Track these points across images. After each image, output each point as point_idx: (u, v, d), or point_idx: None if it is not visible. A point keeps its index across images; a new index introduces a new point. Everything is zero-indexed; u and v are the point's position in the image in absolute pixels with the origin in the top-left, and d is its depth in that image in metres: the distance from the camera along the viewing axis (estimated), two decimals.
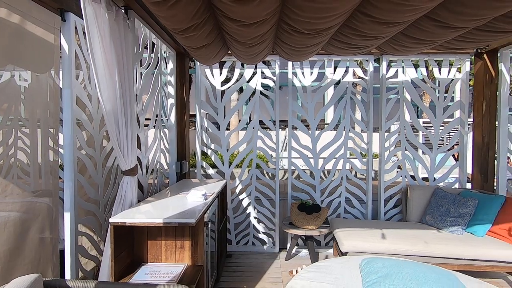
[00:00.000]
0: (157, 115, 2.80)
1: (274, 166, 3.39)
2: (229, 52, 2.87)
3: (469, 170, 3.30)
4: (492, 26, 2.22)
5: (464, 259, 2.45)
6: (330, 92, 9.08)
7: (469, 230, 2.70)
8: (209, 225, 2.09)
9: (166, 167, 3.13)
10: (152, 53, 2.67)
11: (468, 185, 3.40)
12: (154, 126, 2.75)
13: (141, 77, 2.43)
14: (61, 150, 1.96)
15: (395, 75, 3.34)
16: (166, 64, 3.09)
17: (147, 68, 2.56)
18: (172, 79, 3.10)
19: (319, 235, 3.29)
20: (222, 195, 3.05)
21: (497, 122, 3.04)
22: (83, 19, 1.60)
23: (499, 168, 2.98)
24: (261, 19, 1.93)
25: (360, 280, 1.71)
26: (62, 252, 1.89)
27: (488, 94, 3.12)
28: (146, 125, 2.59)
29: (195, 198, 2.11)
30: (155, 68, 2.75)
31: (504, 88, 2.96)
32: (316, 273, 1.89)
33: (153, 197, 2.24)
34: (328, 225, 2.93)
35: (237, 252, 3.33)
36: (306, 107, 3.36)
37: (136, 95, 2.35)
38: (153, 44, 2.73)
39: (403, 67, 3.31)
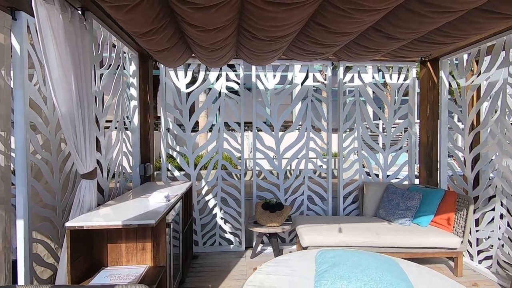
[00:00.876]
0: (119, 118, 2.77)
1: (240, 167, 3.47)
2: (193, 55, 2.92)
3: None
4: (429, 38, 2.49)
5: (410, 248, 2.71)
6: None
7: (415, 221, 2.99)
8: (172, 226, 2.12)
9: (130, 170, 3.09)
10: (113, 54, 2.64)
11: (417, 181, 3.73)
12: (116, 128, 2.72)
13: (100, 79, 2.40)
14: (13, 154, 1.89)
15: (352, 79, 3.58)
16: (129, 65, 3.05)
17: (108, 69, 2.52)
18: (134, 81, 3.07)
19: (283, 232, 3.43)
20: (187, 197, 3.07)
21: (439, 123, 3.38)
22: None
23: (440, 164, 3.32)
24: (220, 25, 2.01)
25: (314, 270, 1.84)
26: (16, 262, 1.82)
27: (432, 98, 3.46)
28: (107, 128, 2.56)
29: (157, 200, 2.13)
30: (117, 70, 2.72)
31: (444, 93, 3.30)
32: (275, 267, 2.00)
33: (114, 200, 2.22)
34: (291, 222, 3.07)
35: (204, 253, 3.37)
36: (270, 109, 3.49)
37: (96, 97, 2.32)
38: (115, 45, 2.70)
39: (358, 71, 3.56)
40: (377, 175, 3.68)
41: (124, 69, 2.90)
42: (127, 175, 2.98)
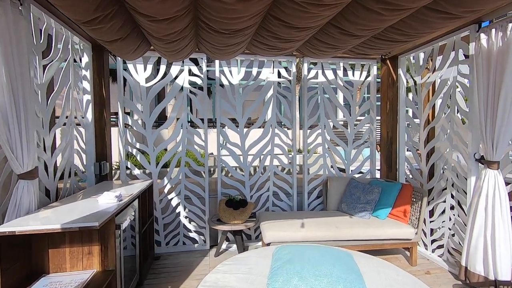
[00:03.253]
0: (69, 113, 2.57)
1: (204, 164, 3.39)
2: (152, 47, 2.78)
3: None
4: (386, 36, 2.55)
5: (369, 240, 2.79)
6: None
7: (374, 214, 3.08)
8: (124, 228, 2.00)
9: (83, 169, 2.89)
10: (60, 44, 2.44)
11: (378, 175, 3.86)
12: (65, 125, 2.52)
13: (43, 71, 2.20)
14: None
15: (316, 76, 3.61)
16: (82, 57, 2.85)
17: (53, 61, 2.33)
18: (87, 73, 2.87)
19: (248, 229, 3.41)
20: (147, 196, 2.95)
21: (398, 119, 3.50)
22: None
23: (399, 159, 3.45)
24: (172, 15, 1.91)
25: (270, 267, 1.82)
26: None
27: (391, 95, 3.58)
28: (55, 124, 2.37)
29: (107, 200, 2.00)
30: (65, 61, 2.52)
31: (402, 89, 3.43)
32: (233, 265, 1.96)
33: (60, 202, 2.06)
34: (255, 219, 3.05)
35: (167, 253, 3.26)
36: (235, 105, 3.43)
37: (39, 91, 2.13)
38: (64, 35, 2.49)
39: (322, 68, 3.60)
40: (343, 170, 3.76)
41: (75, 61, 2.70)
42: (80, 175, 2.79)
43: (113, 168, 4.06)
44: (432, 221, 3.01)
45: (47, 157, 2.22)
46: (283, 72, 3.57)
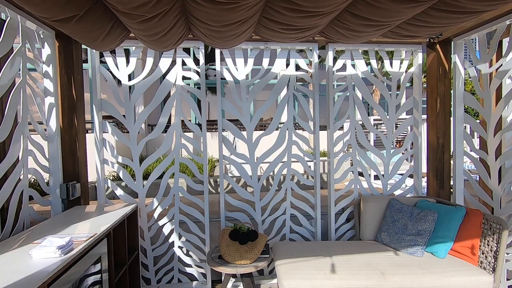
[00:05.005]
0: (19, 120, 1.93)
1: (202, 180, 2.70)
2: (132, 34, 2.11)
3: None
4: (455, 5, 1.77)
5: None
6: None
7: (429, 250, 2.29)
8: None
9: (46, 192, 2.26)
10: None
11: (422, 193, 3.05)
12: (12, 136, 1.88)
13: None
14: None
15: (343, 68, 2.85)
16: (42, 48, 2.21)
17: None
18: (50, 69, 2.23)
19: (269, 274, 2.69)
20: (129, 224, 2.28)
21: (452, 121, 2.69)
22: None
23: (455, 172, 2.64)
24: None
25: None
26: None
27: (442, 89, 2.77)
28: None
29: (44, 255, 1.33)
30: (12, 50, 1.88)
31: (459, 83, 2.62)
32: None
33: None
34: (268, 256, 2.32)
35: None
36: (241, 106, 2.72)
37: None
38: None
39: (351, 57, 2.83)
40: (378, 181, 2.98)
41: (24, 52, 2.06)
42: (39, 201, 2.15)
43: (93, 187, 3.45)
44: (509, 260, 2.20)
45: None
46: (302, 64, 2.83)
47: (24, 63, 1.96)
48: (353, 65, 2.83)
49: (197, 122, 5.65)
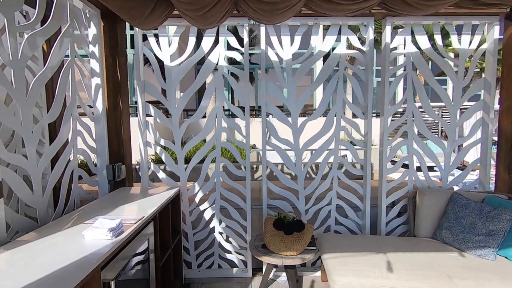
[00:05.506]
0: (69, 102, 1.93)
1: (245, 166, 2.59)
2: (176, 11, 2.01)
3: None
4: None
5: None
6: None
7: (502, 253, 2.01)
8: (119, 279, 1.28)
9: (94, 172, 2.29)
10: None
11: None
12: (62, 117, 1.88)
13: (17, 42, 1.54)
14: None
15: (401, 45, 2.53)
16: (88, 28, 2.18)
17: (34, 29, 1.66)
18: (96, 50, 2.21)
19: (312, 266, 2.56)
20: (173, 207, 2.25)
21: None
22: None
23: None
24: None
25: None
26: None
27: None
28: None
29: (97, 236, 1.30)
30: (61, 31, 1.85)
31: None
32: None
33: (34, 233, 1.41)
34: (315, 248, 2.18)
35: (198, 279, 2.58)
36: (286, 89, 2.54)
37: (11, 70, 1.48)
38: None
39: (412, 33, 2.50)
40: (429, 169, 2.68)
41: (72, 31, 2.03)
42: (88, 181, 2.17)
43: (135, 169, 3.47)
44: None
45: (30, 165, 1.58)
46: (354, 41, 2.56)
47: (72, 43, 1.94)
48: (413, 42, 2.50)
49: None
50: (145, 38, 2.52)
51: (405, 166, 2.62)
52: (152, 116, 2.54)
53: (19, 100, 1.51)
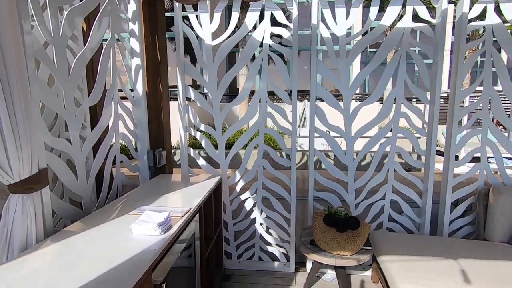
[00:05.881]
0: (110, 84, 1.83)
1: (290, 154, 2.39)
2: None
3: None
4: None
5: None
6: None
7: None
8: (165, 285, 1.16)
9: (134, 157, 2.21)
10: None
11: None
12: (104, 99, 1.78)
13: (58, 20, 1.42)
14: None
15: (481, 15, 2.13)
16: (127, 4, 2.04)
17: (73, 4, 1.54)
18: (136, 27, 2.07)
19: (360, 265, 2.34)
20: (215, 197, 2.13)
21: None
22: None
23: None
24: None
25: None
26: None
27: None
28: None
29: (145, 231, 1.18)
30: (99, 9, 1.72)
31: None
32: None
33: (80, 224, 1.33)
34: (370, 248, 1.96)
35: (238, 271, 2.48)
36: (337, 69, 2.26)
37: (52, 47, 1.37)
38: None
39: (495, 1, 2.09)
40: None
41: (113, 7, 1.89)
42: (129, 167, 2.10)
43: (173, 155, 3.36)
44: None
45: (74, 150, 1.50)
46: (423, 12, 2.20)
47: (112, 20, 1.80)
48: (496, 12, 2.09)
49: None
50: (184, 18, 2.34)
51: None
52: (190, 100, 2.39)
53: (61, 81, 1.40)
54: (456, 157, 2.29)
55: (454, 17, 2.06)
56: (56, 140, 1.38)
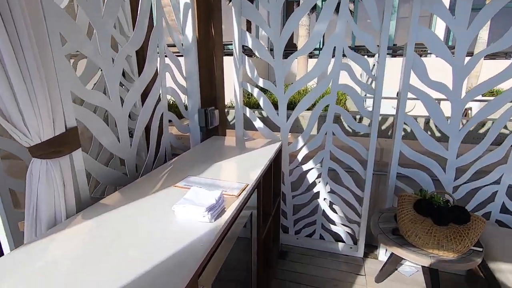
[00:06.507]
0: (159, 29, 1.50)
1: (369, 118, 1.89)
2: None
3: None
4: None
5: None
6: None
7: None
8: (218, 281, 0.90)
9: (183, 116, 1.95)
10: None
11: None
12: (147, 48, 1.47)
13: None
14: None
15: None
16: None
17: None
18: None
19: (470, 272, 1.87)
20: (275, 165, 1.80)
21: None
22: None
23: None
24: None
25: None
26: None
27: None
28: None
29: (191, 215, 0.90)
30: None
31: None
32: None
33: (118, 195, 1.11)
34: (481, 249, 1.46)
35: (296, 248, 2.21)
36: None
37: None
38: None
39: None
40: None
41: None
42: (179, 127, 1.84)
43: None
44: None
45: (113, 105, 1.25)
46: None
47: None
48: None
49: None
50: None
51: None
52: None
53: (90, 14, 1.10)
54: None
55: None
56: (89, 93, 1.13)
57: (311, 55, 9.26)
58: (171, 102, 2.13)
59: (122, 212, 0.96)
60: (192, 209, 0.89)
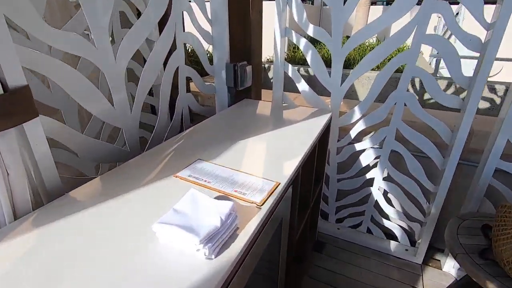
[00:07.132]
0: None
1: (463, 87, 1.31)
2: None
3: None
4: None
5: None
6: None
7: None
8: None
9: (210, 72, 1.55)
10: None
11: None
12: None
13: None
14: None
15: None
16: None
17: None
18: None
19: None
20: (321, 141, 1.38)
21: None
22: None
23: None
24: None
25: None
26: None
27: None
28: None
29: (179, 241, 0.55)
30: None
31: None
32: None
33: (91, 187, 0.80)
34: None
35: (336, 241, 1.85)
36: None
37: None
38: None
39: None
40: None
41: None
42: (201, 88, 1.46)
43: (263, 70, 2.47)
44: None
45: (97, 54, 0.89)
46: None
47: None
48: None
49: None
50: None
51: None
52: None
53: None
54: None
55: None
56: (50, 31, 0.76)
57: (374, 1, 7.90)
58: (191, 50, 1.72)
59: (93, 214, 0.66)
60: (181, 234, 0.54)
